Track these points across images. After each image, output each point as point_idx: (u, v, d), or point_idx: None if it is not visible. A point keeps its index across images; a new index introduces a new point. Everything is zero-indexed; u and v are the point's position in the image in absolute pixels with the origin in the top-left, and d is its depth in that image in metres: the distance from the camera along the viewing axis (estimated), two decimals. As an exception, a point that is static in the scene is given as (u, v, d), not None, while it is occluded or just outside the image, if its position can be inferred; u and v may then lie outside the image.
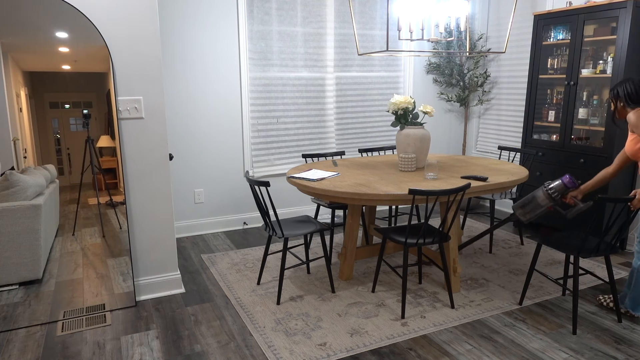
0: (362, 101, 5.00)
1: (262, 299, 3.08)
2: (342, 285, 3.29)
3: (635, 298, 2.82)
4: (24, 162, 2.72)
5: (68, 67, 2.72)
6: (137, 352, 2.50)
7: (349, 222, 3.31)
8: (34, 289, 2.84)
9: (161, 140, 2.99)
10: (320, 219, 4.76)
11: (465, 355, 2.46)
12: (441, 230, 2.93)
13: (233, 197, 4.55)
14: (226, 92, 4.32)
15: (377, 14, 4.85)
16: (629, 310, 2.85)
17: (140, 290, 3.09)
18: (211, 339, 2.62)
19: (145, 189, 3.00)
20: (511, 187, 3.14)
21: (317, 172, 3.37)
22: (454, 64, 5.12)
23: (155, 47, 2.87)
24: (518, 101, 4.88)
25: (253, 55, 4.37)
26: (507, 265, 3.61)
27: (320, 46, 4.65)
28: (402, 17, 3.08)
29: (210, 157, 4.38)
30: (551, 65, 4.22)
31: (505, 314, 2.88)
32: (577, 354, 2.47)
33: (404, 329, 2.70)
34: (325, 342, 2.58)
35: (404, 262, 2.83)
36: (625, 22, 3.49)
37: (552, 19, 4.05)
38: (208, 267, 3.63)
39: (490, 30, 5.13)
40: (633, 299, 2.83)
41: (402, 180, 3.11)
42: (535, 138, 4.32)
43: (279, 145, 4.67)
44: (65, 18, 2.64)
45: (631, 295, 2.83)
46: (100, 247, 2.97)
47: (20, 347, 2.54)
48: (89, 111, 2.85)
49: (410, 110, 3.49)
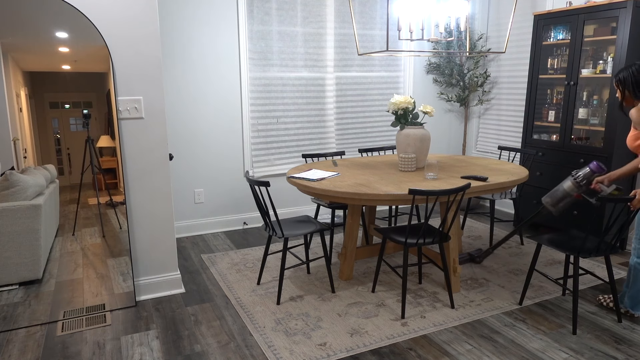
0: (362, 101, 5.00)
1: (262, 299, 3.08)
2: (342, 285, 3.29)
3: (634, 296, 2.81)
4: (24, 162, 2.72)
5: (68, 67, 2.72)
6: (137, 352, 2.50)
7: (349, 222, 3.31)
8: (34, 289, 2.84)
9: (161, 140, 2.99)
10: (320, 219, 4.76)
11: (465, 355, 2.46)
12: (441, 230, 2.93)
13: (233, 197, 4.55)
14: (226, 92, 4.32)
15: (377, 14, 4.85)
16: (628, 309, 2.84)
17: (140, 290, 3.09)
18: (211, 339, 2.62)
19: (145, 189, 3.00)
20: (511, 187, 3.14)
21: (317, 172, 3.37)
22: (454, 64, 5.12)
23: (155, 47, 2.87)
24: (518, 101, 4.88)
25: (253, 55, 4.37)
26: (507, 265, 3.61)
27: (320, 46, 4.65)
28: (402, 17, 3.08)
29: (210, 157, 4.38)
30: (551, 65, 4.22)
31: (505, 314, 2.88)
32: (577, 354, 2.47)
33: (404, 329, 2.70)
34: (325, 342, 2.58)
35: (404, 262, 2.83)
36: (625, 22, 3.49)
37: (552, 19, 4.05)
38: (208, 267, 3.63)
39: (490, 30, 5.13)
40: (632, 297, 2.81)
41: (402, 180, 3.11)
42: (535, 138, 4.32)
43: (279, 145, 4.67)
44: (65, 18, 2.64)
45: (630, 293, 2.82)
46: (100, 247, 2.97)
47: (20, 347, 2.54)
48: (89, 111, 2.85)
49: (410, 110, 3.49)
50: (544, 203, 2.88)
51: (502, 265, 3.62)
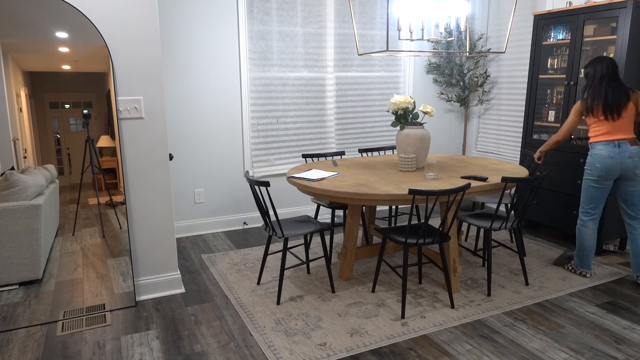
0: (362, 101, 5.00)
1: (262, 299, 3.08)
2: (342, 285, 3.29)
3: (580, 255, 3.35)
4: (24, 162, 2.72)
5: (68, 67, 2.72)
6: (137, 352, 2.50)
7: (349, 222, 3.31)
8: (34, 289, 2.84)
9: (161, 140, 2.99)
10: (320, 219, 4.76)
11: (465, 355, 2.46)
12: (441, 230, 2.93)
13: (233, 197, 4.55)
14: (226, 92, 4.32)
15: (377, 14, 4.85)
16: (581, 269, 3.37)
17: (140, 290, 3.09)
18: (211, 339, 2.62)
19: (145, 189, 3.00)
20: (511, 188, 3.14)
21: (317, 172, 3.37)
22: (454, 64, 5.12)
23: (155, 47, 2.87)
24: (518, 101, 4.88)
25: (253, 55, 4.37)
26: (507, 265, 3.61)
27: (320, 46, 4.66)
28: (402, 17, 3.08)
29: (210, 157, 4.38)
30: (551, 65, 4.22)
31: (505, 314, 2.88)
32: (577, 354, 2.47)
33: (404, 329, 2.70)
34: (325, 342, 2.58)
35: (404, 262, 2.83)
36: (625, 22, 3.49)
37: (552, 19, 4.05)
38: (208, 267, 3.64)
39: (490, 30, 5.13)
40: (579, 256, 3.36)
41: (402, 180, 3.11)
42: (535, 138, 4.31)
43: (279, 145, 4.67)
44: (65, 18, 2.64)
45: (577, 253, 3.37)
46: (100, 247, 2.97)
47: (20, 347, 2.54)
48: (89, 111, 2.85)
49: (410, 110, 3.49)
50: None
51: (502, 265, 3.62)
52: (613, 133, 3.12)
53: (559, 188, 4.06)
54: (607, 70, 3.10)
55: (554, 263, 3.61)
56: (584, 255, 3.34)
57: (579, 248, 3.35)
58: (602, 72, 3.11)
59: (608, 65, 3.10)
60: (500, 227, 3.12)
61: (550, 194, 4.14)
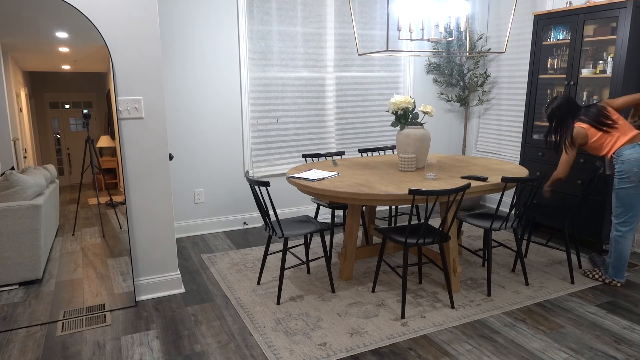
0: (362, 101, 5.00)
1: (262, 299, 3.08)
2: (342, 285, 3.29)
3: (615, 265, 3.20)
4: (24, 162, 2.72)
5: (68, 67, 2.72)
6: (137, 352, 2.50)
7: (349, 222, 3.31)
8: (34, 289, 2.84)
9: (161, 140, 2.99)
10: (320, 219, 4.76)
11: (465, 355, 2.46)
12: (441, 230, 2.93)
13: (233, 197, 4.55)
14: (226, 92, 4.32)
15: (377, 14, 4.85)
16: (612, 278, 3.24)
17: (140, 290, 3.09)
18: (211, 339, 2.62)
19: (145, 189, 3.00)
20: (511, 188, 3.14)
21: (317, 172, 3.37)
22: (454, 64, 5.12)
23: (155, 47, 2.87)
24: (518, 101, 4.88)
25: (253, 55, 4.37)
26: (507, 265, 3.61)
27: (320, 46, 4.65)
28: (402, 17, 3.08)
29: (210, 157, 4.38)
30: (551, 65, 4.22)
31: (505, 314, 2.88)
32: (577, 354, 2.47)
33: (404, 329, 2.70)
34: (325, 342, 2.58)
35: (404, 262, 2.83)
36: (625, 22, 3.49)
37: (552, 19, 4.05)
38: (208, 267, 3.63)
39: (490, 30, 5.13)
40: (614, 266, 3.21)
41: (402, 180, 3.11)
42: (536, 138, 4.32)
43: (279, 145, 4.67)
44: (65, 18, 2.64)
45: (612, 263, 3.21)
46: (100, 247, 2.97)
47: (20, 347, 2.54)
48: (89, 111, 2.85)
49: (410, 110, 3.49)
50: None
51: (502, 265, 3.62)
52: (626, 135, 3.02)
53: (559, 188, 4.06)
54: (569, 101, 3.18)
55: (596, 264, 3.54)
56: (620, 266, 3.18)
57: (615, 259, 3.17)
58: (568, 103, 3.18)
59: (567, 99, 3.19)
60: (500, 227, 3.11)
61: (550, 193, 4.14)
